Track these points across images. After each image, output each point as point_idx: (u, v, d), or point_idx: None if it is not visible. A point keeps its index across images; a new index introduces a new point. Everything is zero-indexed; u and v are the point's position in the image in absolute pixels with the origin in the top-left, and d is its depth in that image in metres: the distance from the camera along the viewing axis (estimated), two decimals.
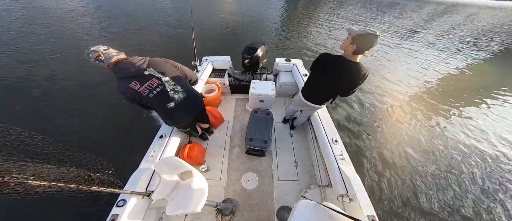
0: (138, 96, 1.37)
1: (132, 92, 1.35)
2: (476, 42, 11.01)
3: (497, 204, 2.80)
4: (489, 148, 3.71)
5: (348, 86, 1.62)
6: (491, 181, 3.10)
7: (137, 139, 3.34)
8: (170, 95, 1.49)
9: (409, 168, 3.21)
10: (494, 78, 6.88)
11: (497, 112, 4.89)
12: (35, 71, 5.17)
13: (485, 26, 16.44)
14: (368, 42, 1.29)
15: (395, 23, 14.03)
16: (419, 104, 4.82)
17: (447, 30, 13.48)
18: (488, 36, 12.78)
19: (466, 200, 2.83)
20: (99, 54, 1.23)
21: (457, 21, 18.01)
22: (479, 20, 19.69)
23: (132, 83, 1.33)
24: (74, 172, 0.91)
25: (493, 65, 8.04)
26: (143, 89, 1.36)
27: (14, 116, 3.82)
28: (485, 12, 29.17)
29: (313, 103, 1.99)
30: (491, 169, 3.30)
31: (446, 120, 4.38)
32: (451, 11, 26.67)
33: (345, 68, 1.50)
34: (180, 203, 1.33)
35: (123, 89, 1.34)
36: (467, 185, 3.02)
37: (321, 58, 1.65)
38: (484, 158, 3.50)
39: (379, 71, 6.20)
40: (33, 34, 7.27)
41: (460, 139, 3.87)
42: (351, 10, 16.09)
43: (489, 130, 4.18)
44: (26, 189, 0.70)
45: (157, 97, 1.43)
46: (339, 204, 1.51)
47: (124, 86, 1.33)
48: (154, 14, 11.36)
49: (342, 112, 4.30)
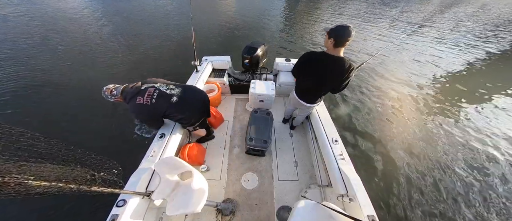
0: (147, 110, 1.57)
1: (141, 108, 1.55)
2: (490, 36, 10.36)
3: (501, 204, 2.80)
4: (494, 149, 3.68)
5: (335, 80, 1.67)
6: (495, 182, 3.10)
7: (137, 139, 3.35)
8: (169, 93, 1.65)
9: (409, 167, 3.20)
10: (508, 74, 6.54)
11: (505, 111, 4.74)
12: (40, 74, 5.17)
13: (499, 17, 15.44)
14: (342, 33, 1.41)
15: (399, 18, 13.78)
16: (421, 103, 4.80)
17: (456, 24, 12.84)
18: (502, 29, 11.89)
19: (467, 200, 2.83)
20: (111, 90, 1.56)
21: (468, 12, 17.29)
22: (493, 11, 18.44)
23: (137, 99, 1.54)
24: (78, 171, 0.91)
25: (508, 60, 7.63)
26: (146, 100, 1.55)
27: (22, 117, 3.85)
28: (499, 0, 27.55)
29: (306, 102, 2.04)
30: (495, 169, 3.29)
31: (450, 120, 4.34)
32: (462, 1, 25.46)
33: (329, 63, 1.59)
34: (180, 203, 1.33)
35: (133, 109, 1.57)
36: (469, 185, 3.02)
37: (306, 56, 1.75)
38: (488, 158, 3.48)
39: (380, 71, 6.18)
40: (35, 37, 7.27)
41: (463, 139, 3.85)
42: (353, 8, 15.98)
43: (496, 130, 4.12)
44: (26, 189, 0.70)
45: (159, 99, 1.59)
46: (339, 204, 1.51)
47: (132, 104, 1.55)
48: (154, 14, 11.35)
49: (343, 112, 4.30)
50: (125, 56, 6.15)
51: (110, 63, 5.78)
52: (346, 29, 1.40)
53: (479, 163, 3.38)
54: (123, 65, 5.72)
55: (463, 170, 3.24)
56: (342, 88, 1.75)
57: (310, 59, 1.73)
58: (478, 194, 2.91)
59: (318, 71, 1.69)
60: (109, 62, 5.83)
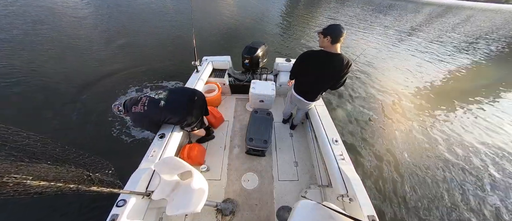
0: (141, 117, 1.72)
1: (136, 116, 1.72)
2: (474, 44, 11.04)
3: (502, 205, 2.79)
4: (494, 148, 3.69)
5: (333, 76, 1.73)
6: (496, 181, 3.10)
7: (137, 139, 3.35)
8: (156, 98, 1.77)
9: (410, 167, 3.20)
10: (494, 78, 6.87)
11: (494, 111, 4.91)
12: (33, 71, 5.17)
13: (482, 29, 16.46)
14: (338, 30, 1.53)
15: (395, 25, 14.01)
16: (421, 104, 4.81)
17: (446, 31, 13.46)
18: (485, 38, 12.81)
19: (468, 200, 2.82)
20: (118, 106, 1.77)
21: (455, 22, 18.04)
22: (476, 22, 19.73)
23: (133, 109, 1.71)
24: (73, 172, 0.90)
25: (491, 66, 8.03)
26: (140, 108, 1.69)
27: (14, 115, 3.83)
28: (481, 14, 29.35)
29: (306, 99, 2.08)
30: (496, 169, 3.29)
31: (449, 120, 4.36)
32: (448, 13, 26.91)
33: (327, 59, 1.66)
34: (180, 203, 1.33)
35: (131, 118, 1.79)
36: (469, 185, 3.01)
37: (304, 55, 1.83)
38: (487, 158, 3.49)
39: (381, 71, 6.19)
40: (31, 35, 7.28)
41: (463, 139, 3.86)
42: (353, 9, 16.01)
43: (492, 129, 4.17)
44: (25, 189, 0.69)
45: (150, 105, 1.72)
46: (339, 204, 1.50)
47: (131, 114, 1.73)
48: (154, 14, 11.36)
49: (343, 112, 4.29)
50: (125, 56, 6.14)
51: (110, 64, 5.78)
52: (339, 26, 1.53)
53: (479, 163, 3.38)
54: (122, 65, 5.71)
55: (464, 170, 3.24)
56: (340, 84, 1.80)
57: (309, 57, 1.80)
58: (478, 194, 2.91)
59: (318, 67, 1.75)
60: (109, 62, 5.83)
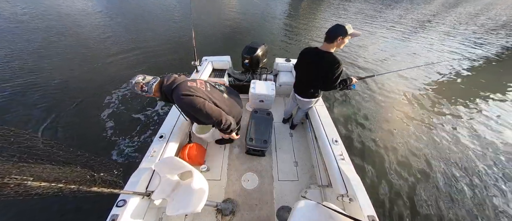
0: (201, 93, 1.37)
1: (194, 90, 1.33)
2: (493, 36, 10.36)
3: (502, 205, 2.79)
4: (495, 148, 3.68)
5: (319, 73, 1.76)
6: (497, 182, 3.09)
7: (137, 139, 3.35)
8: (218, 88, 1.58)
9: (410, 167, 3.20)
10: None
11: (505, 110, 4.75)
12: (38, 74, 5.17)
13: (502, 18, 15.44)
14: (329, 29, 1.55)
15: (405, 16, 13.76)
16: (421, 104, 4.79)
17: (460, 23, 12.91)
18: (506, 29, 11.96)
19: (468, 200, 2.83)
20: (142, 85, 1.28)
21: (472, 12, 17.09)
22: (496, 11, 18.45)
23: (188, 83, 1.37)
24: (78, 172, 0.91)
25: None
26: (200, 85, 1.41)
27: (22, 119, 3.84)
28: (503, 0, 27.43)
29: (299, 96, 2.15)
30: (497, 169, 3.29)
31: (451, 120, 4.33)
32: (466, 1, 25.46)
33: (316, 56, 1.71)
34: (180, 203, 1.33)
35: (184, 93, 1.30)
36: (470, 185, 3.01)
37: (301, 52, 1.91)
38: (488, 159, 3.48)
39: (382, 71, 6.17)
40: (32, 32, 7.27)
41: (464, 139, 3.85)
42: (355, 8, 15.88)
43: (498, 130, 4.12)
44: (26, 190, 0.70)
45: (212, 90, 1.49)
46: (339, 204, 1.51)
47: (184, 87, 1.32)
48: (154, 14, 11.35)
49: (343, 112, 4.29)
50: (125, 56, 6.14)
51: (109, 63, 5.78)
52: (335, 26, 1.53)
53: (479, 163, 3.38)
54: (122, 65, 5.72)
55: (463, 170, 3.24)
56: (332, 85, 1.77)
57: (303, 53, 1.88)
58: (478, 193, 2.91)
59: (308, 64, 1.83)
60: (108, 62, 5.83)
